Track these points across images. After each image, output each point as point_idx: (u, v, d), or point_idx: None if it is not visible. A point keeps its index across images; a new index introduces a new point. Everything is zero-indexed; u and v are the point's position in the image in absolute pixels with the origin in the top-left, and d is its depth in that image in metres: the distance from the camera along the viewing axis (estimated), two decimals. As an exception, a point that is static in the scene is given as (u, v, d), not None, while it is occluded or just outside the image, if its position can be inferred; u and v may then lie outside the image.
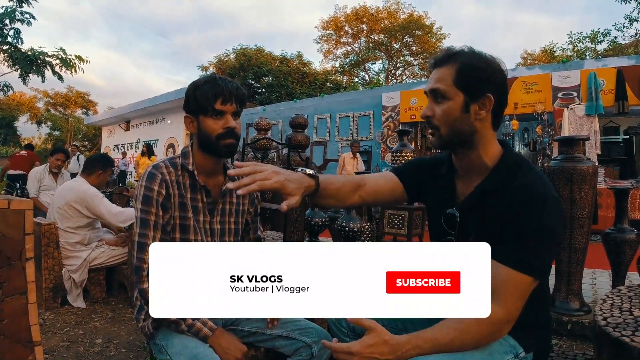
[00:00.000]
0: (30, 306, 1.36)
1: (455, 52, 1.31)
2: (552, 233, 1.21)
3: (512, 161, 1.32)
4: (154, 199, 1.56)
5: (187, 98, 1.65)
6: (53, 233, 3.52)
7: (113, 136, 25.15)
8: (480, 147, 1.33)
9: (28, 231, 1.38)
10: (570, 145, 2.95)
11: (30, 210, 1.39)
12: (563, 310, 2.99)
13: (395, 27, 28.89)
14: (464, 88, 1.27)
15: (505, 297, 1.18)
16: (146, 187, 1.57)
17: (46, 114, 39.91)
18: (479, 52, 1.31)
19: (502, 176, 1.30)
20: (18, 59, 10.81)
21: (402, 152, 3.54)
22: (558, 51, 24.50)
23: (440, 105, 1.31)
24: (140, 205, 1.55)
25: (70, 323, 3.23)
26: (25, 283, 1.35)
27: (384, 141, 11.77)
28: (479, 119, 1.29)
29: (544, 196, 1.22)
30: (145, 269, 1.51)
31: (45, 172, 5.38)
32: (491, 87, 1.27)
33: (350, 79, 32.06)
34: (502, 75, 1.30)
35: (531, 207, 1.21)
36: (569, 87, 8.79)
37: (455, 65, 1.28)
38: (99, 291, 3.80)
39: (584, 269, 3.07)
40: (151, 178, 1.58)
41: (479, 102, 1.27)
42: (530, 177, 1.27)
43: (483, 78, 1.26)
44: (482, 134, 1.31)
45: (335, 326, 1.59)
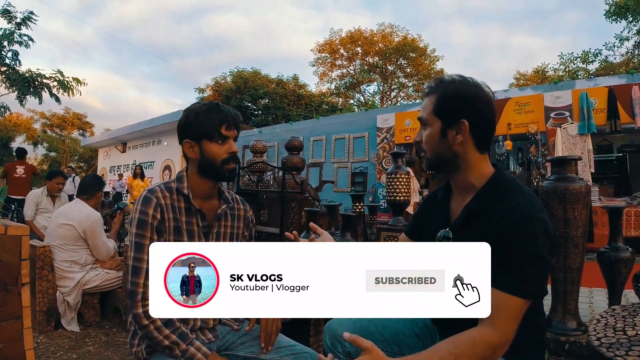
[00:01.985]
0: (25, 331, 1.36)
1: (439, 82, 1.42)
2: (539, 255, 1.22)
3: (500, 182, 1.36)
4: (148, 223, 1.56)
5: (187, 124, 1.68)
6: (47, 256, 3.51)
7: (109, 158, 25.13)
8: (465, 169, 1.40)
9: (24, 257, 1.37)
10: (563, 166, 2.98)
11: (27, 236, 1.40)
12: (560, 331, 2.98)
13: (390, 49, 29.21)
14: (440, 115, 1.38)
15: (498, 320, 1.20)
16: (141, 211, 1.57)
17: (43, 135, 39.94)
18: (462, 80, 1.39)
19: (488, 196, 1.34)
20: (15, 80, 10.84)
21: (397, 173, 3.56)
22: (550, 72, 24.75)
23: (424, 132, 1.44)
24: (135, 229, 1.55)
25: (64, 347, 3.20)
26: (21, 308, 1.35)
27: (379, 162, 11.81)
28: (457, 142, 1.37)
29: (530, 218, 1.23)
30: (139, 294, 1.49)
31: (44, 195, 5.37)
32: (465, 113, 1.35)
33: (346, 101, 32.25)
34: (480, 101, 1.36)
35: (517, 229, 1.23)
36: (561, 107, 8.87)
37: (435, 95, 1.40)
38: (93, 315, 3.77)
39: (581, 288, 3.08)
40: (146, 202, 1.58)
41: (454, 128, 1.36)
42: (517, 198, 1.30)
43: (456, 105, 1.35)
44: (465, 157, 1.39)
45: (331, 350, 1.59)
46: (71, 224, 3.58)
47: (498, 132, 9.60)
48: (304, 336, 2.18)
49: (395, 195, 3.55)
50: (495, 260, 1.23)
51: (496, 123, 1.42)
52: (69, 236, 3.58)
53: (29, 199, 5.34)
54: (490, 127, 1.39)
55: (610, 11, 18.91)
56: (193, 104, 1.76)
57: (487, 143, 1.41)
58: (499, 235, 1.24)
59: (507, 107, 9.44)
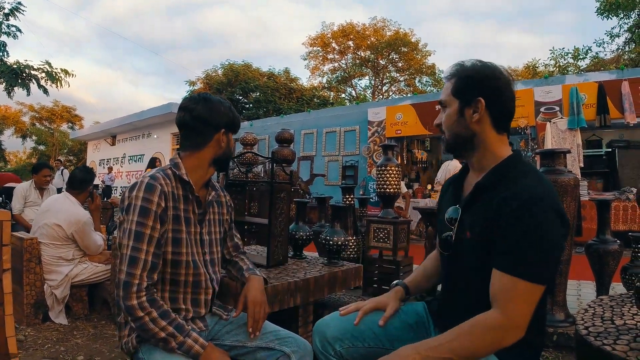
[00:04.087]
0: (7, 318, 1.33)
1: (459, 65, 1.45)
2: (549, 237, 1.20)
3: (515, 163, 1.36)
4: (152, 211, 1.52)
5: (223, 114, 1.71)
6: (35, 248, 3.47)
7: (99, 151, 24.95)
8: (481, 148, 1.41)
9: (5, 242, 1.34)
10: (552, 158, 2.99)
11: (8, 221, 1.37)
12: (548, 322, 2.99)
13: (382, 44, 29.18)
14: (458, 95, 1.41)
15: (503, 302, 1.20)
16: (144, 199, 1.52)
17: (31, 128, 39.54)
18: (481, 62, 1.41)
19: (499, 174, 1.34)
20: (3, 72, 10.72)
21: (387, 166, 3.55)
22: (541, 67, 24.85)
23: (444, 114, 1.47)
24: (137, 217, 1.50)
25: (52, 340, 3.17)
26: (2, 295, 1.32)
27: (370, 156, 11.82)
28: (474, 121, 1.38)
29: (540, 199, 1.21)
30: (134, 285, 1.45)
31: (32, 188, 5.30)
32: (481, 91, 1.37)
33: (337, 95, 32.23)
34: (496, 80, 1.38)
35: (526, 209, 1.20)
36: (551, 102, 8.92)
37: (454, 78, 1.43)
38: (81, 308, 3.74)
39: (569, 281, 3.10)
40: (150, 189, 1.54)
41: (472, 106, 1.38)
42: (529, 179, 1.28)
43: (473, 84, 1.38)
44: (482, 136, 1.40)
45: (321, 352, 1.56)
46: (60, 224, 3.53)
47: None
48: (293, 327, 2.18)
49: (385, 188, 3.54)
50: (502, 241, 1.23)
51: (514, 106, 1.42)
52: (57, 237, 3.54)
53: (17, 193, 5.27)
54: (508, 107, 1.40)
55: (602, 8, 18.99)
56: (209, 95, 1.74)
57: (505, 123, 1.41)
58: (507, 215, 1.22)
59: (497, 102, 9.45)
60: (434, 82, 30.34)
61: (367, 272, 3.44)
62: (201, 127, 1.69)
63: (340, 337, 1.53)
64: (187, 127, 1.70)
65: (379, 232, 3.52)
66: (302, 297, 2.06)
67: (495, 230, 1.25)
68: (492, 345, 1.21)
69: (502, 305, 1.20)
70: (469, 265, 1.36)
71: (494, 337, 1.20)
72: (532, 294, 1.20)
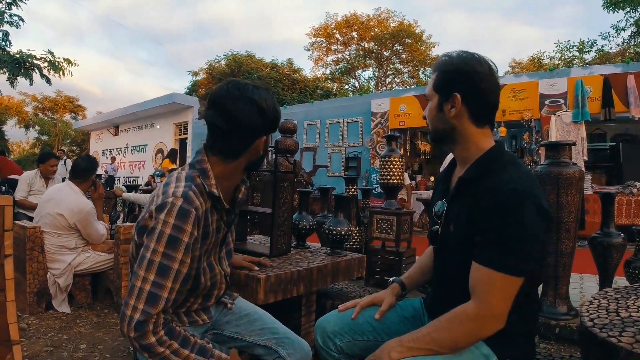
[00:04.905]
0: (8, 304, 1.33)
1: (441, 58, 1.45)
2: (528, 231, 1.19)
3: (496, 156, 1.36)
4: (183, 243, 1.31)
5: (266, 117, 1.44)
6: (38, 237, 3.47)
7: (102, 141, 24.97)
8: (462, 142, 1.43)
9: (8, 227, 1.33)
10: (557, 150, 2.97)
11: (10, 206, 1.36)
12: (551, 315, 3.00)
13: (386, 35, 29.06)
14: (438, 89, 1.43)
15: (481, 293, 1.22)
16: (175, 227, 1.30)
17: (34, 118, 39.58)
18: (463, 55, 1.40)
19: (481, 167, 1.34)
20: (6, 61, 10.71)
21: (390, 157, 3.53)
22: (546, 60, 24.75)
23: (427, 107, 1.49)
24: (164, 248, 1.28)
25: (55, 328, 3.18)
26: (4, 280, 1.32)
27: (373, 147, 11.81)
28: (452, 116, 1.39)
29: (520, 193, 1.21)
30: (152, 324, 1.26)
31: (37, 177, 5.30)
32: (458, 86, 1.37)
33: (341, 86, 32.15)
34: (475, 74, 1.36)
35: (505, 203, 1.21)
36: (556, 95, 8.88)
37: (437, 72, 1.44)
38: (84, 296, 3.75)
39: (572, 274, 3.09)
40: (184, 216, 1.31)
41: (449, 101, 1.39)
42: (510, 173, 1.28)
43: (451, 78, 1.39)
44: (461, 129, 1.41)
45: (323, 348, 1.60)
46: (62, 214, 3.54)
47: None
48: (296, 316, 2.18)
49: (388, 179, 3.53)
50: (480, 233, 1.24)
51: (497, 98, 1.41)
52: (60, 226, 3.55)
53: (21, 180, 5.27)
54: (486, 100, 1.38)
55: (608, 1, 18.86)
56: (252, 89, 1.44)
57: (485, 116, 1.40)
58: (486, 208, 1.23)
59: (501, 94, 9.30)
60: (438, 74, 30.17)
61: (370, 263, 3.44)
62: (239, 133, 1.42)
63: (340, 331, 1.57)
64: (220, 131, 1.42)
65: (382, 223, 3.52)
66: (305, 287, 2.05)
67: (476, 223, 1.26)
68: (470, 335, 1.24)
69: (479, 297, 1.22)
70: (453, 258, 1.38)
71: (471, 328, 1.23)
72: (509, 286, 1.21)
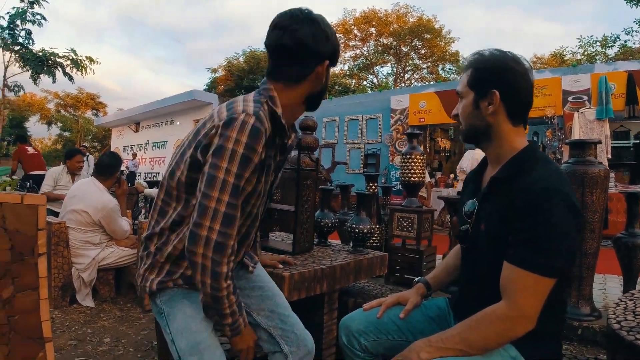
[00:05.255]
0: (41, 302, 1.36)
1: (475, 55, 1.44)
2: (559, 230, 1.18)
3: (529, 155, 1.35)
4: (253, 163, 1.28)
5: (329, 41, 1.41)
6: (63, 232, 3.54)
7: (122, 137, 25.28)
8: (497, 140, 1.41)
9: (41, 226, 1.36)
10: (582, 149, 2.93)
11: (44, 205, 1.39)
12: (574, 316, 2.96)
13: (404, 30, 28.89)
14: (473, 86, 1.41)
15: (512, 293, 1.21)
16: (248, 146, 1.25)
17: (56, 115, 40.25)
18: (498, 52, 1.40)
19: (514, 167, 1.34)
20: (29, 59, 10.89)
21: (412, 154, 3.52)
22: (568, 55, 24.40)
23: (460, 104, 1.47)
24: (237, 168, 1.24)
25: (79, 322, 3.24)
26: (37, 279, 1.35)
27: (392, 144, 11.75)
28: (489, 113, 1.38)
29: (551, 191, 1.20)
30: (230, 248, 1.26)
31: (64, 172, 5.40)
32: (496, 83, 1.35)
33: (359, 82, 32.06)
34: (513, 72, 1.36)
35: (537, 201, 1.20)
36: (580, 91, 8.73)
37: (471, 68, 1.42)
38: (108, 290, 3.82)
39: (595, 274, 3.05)
40: (256, 135, 1.27)
41: (487, 99, 1.37)
42: (542, 171, 1.27)
43: (488, 76, 1.37)
44: (497, 127, 1.39)
45: (347, 347, 1.60)
46: (86, 210, 3.61)
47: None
48: (319, 314, 2.19)
49: (410, 176, 3.52)
50: (512, 233, 1.23)
51: (532, 97, 1.40)
52: (84, 222, 3.62)
53: (48, 175, 5.38)
54: (523, 98, 1.38)
55: (632, -5, 18.48)
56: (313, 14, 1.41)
57: (521, 115, 1.40)
58: (518, 207, 1.22)
59: (523, 90, 9.29)
60: (458, 70, 29.99)
61: (390, 261, 3.43)
62: (303, 55, 1.38)
63: (365, 330, 1.56)
64: (285, 52, 1.38)
65: (403, 221, 3.51)
66: (328, 285, 2.06)
67: (508, 222, 1.25)
68: (501, 336, 1.23)
69: (511, 297, 1.21)
70: (484, 257, 1.37)
71: (502, 329, 1.22)
72: (541, 286, 1.20)
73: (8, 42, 10.79)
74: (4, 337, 1.29)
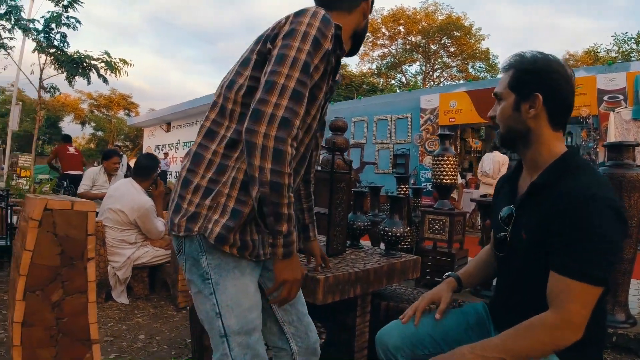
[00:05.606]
0: (89, 305, 1.40)
1: (517, 57, 1.40)
2: (603, 236, 1.16)
3: (570, 161, 1.32)
4: (324, 49, 1.23)
5: None
6: (100, 231, 3.64)
7: (154, 137, 25.71)
8: (536, 145, 1.37)
9: (90, 232, 1.40)
10: (620, 151, 2.87)
11: (93, 211, 1.43)
12: (608, 322, 2.90)
13: (433, 28, 28.62)
14: (515, 88, 1.37)
15: (560, 303, 1.18)
16: (319, 30, 1.22)
17: (90, 115, 41.19)
18: (541, 55, 1.37)
19: (555, 173, 1.31)
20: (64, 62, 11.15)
21: (444, 156, 3.50)
22: (602, 52, 23.81)
23: (499, 106, 1.43)
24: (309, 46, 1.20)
25: (114, 318, 3.32)
26: (86, 282, 1.39)
27: (422, 144, 11.64)
28: (530, 117, 1.35)
29: (594, 196, 1.18)
30: (295, 127, 1.17)
31: (101, 173, 5.56)
32: (540, 86, 1.33)
33: (387, 81, 31.89)
34: (556, 75, 1.33)
35: (579, 207, 1.18)
36: (615, 90, 8.50)
37: (512, 70, 1.39)
38: (142, 288, 3.90)
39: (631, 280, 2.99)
40: (327, 22, 1.24)
41: (529, 101, 1.34)
42: (584, 177, 1.25)
43: (531, 78, 1.34)
44: (537, 132, 1.36)
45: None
46: (123, 210, 3.71)
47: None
48: (351, 316, 2.20)
49: (441, 178, 3.50)
50: (556, 240, 1.20)
51: (573, 102, 1.38)
52: (120, 221, 3.73)
53: (86, 175, 5.55)
54: (566, 104, 1.36)
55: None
56: None
57: (562, 120, 1.38)
58: (561, 213, 1.20)
59: (557, 89, 9.10)
60: (488, 68, 29.59)
61: (421, 264, 3.42)
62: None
63: (402, 345, 1.52)
64: None
65: (434, 223, 3.49)
66: (361, 288, 2.07)
67: (550, 230, 1.22)
68: (549, 346, 1.20)
69: (559, 307, 1.18)
70: (524, 266, 1.34)
71: (551, 338, 1.19)
72: (590, 296, 1.17)
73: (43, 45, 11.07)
74: (52, 339, 1.33)
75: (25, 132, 28.80)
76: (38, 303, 1.34)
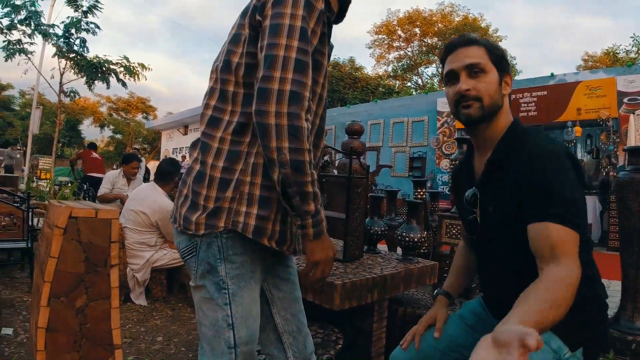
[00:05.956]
0: (112, 311, 1.42)
1: (473, 37, 1.45)
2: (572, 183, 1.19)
3: (518, 130, 1.36)
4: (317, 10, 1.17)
5: None
6: (119, 234, 3.68)
7: (172, 140, 25.96)
8: (496, 122, 1.40)
9: (114, 239, 1.43)
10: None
11: (116, 219, 1.46)
12: (628, 330, 2.85)
13: (450, 30, 28.41)
14: (496, 64, 1.38)
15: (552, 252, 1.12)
16: None
17: (109, 118, 41.71)
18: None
19: (507, 146, 1.34)
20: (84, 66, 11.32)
21: (461, 160, 3.48)
22: (621, 53, 23.46)
23: (480, 79, 1.36)
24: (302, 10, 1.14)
25: (132, 320, 3.36)
26: (109, 289, 1.41)
27: (439, 147, 11.57)
28: (504, 94, 1.40)
29: (553, 150, 1.23)
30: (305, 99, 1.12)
31: (120, 176, 5.67)
32: (507, 68, 1.40)
33: (403, 84, 31.77)
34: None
35: (544, 162, 1.21)
36: (635, 92, 8.37)
37: (482, 47, 1.39)
38: (160, 290, 3.95)
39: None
40: None
41: (505, 79, 1.39)
42: (536, 140, 1.28)
43: (502, 58, 1.40)
44: (504, 108, 1.40)
45: None
46: (145, 212, 3.79)
47: (567, 118, 9.17)
48: (367, 322, 2.20)
49: (459, 183, 3.47)
50: (530, 199, 1.20)
51: None
52: (142, 223, 3.80)
53: (106, 178, 5.66)
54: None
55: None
56: None
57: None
58: (528, 177, 1.21)
59: (577, 91, 9.01)
60: (505, 70, 29.27)
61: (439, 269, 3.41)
62: None
63: None
64: None
65: (452, 228, 3.47)
66: (378, 294, 2.07)
67: (521, 194, 1.23)
68: (569, 298, 1.07)
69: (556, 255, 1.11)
70: (499, 240, 1.35)
71: (566, 287, 1.07)
72: (572, 239, 1.14)
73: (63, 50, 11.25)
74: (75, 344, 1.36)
75: (45, 135, 29.23)
76: (62, 309, 1.37)
